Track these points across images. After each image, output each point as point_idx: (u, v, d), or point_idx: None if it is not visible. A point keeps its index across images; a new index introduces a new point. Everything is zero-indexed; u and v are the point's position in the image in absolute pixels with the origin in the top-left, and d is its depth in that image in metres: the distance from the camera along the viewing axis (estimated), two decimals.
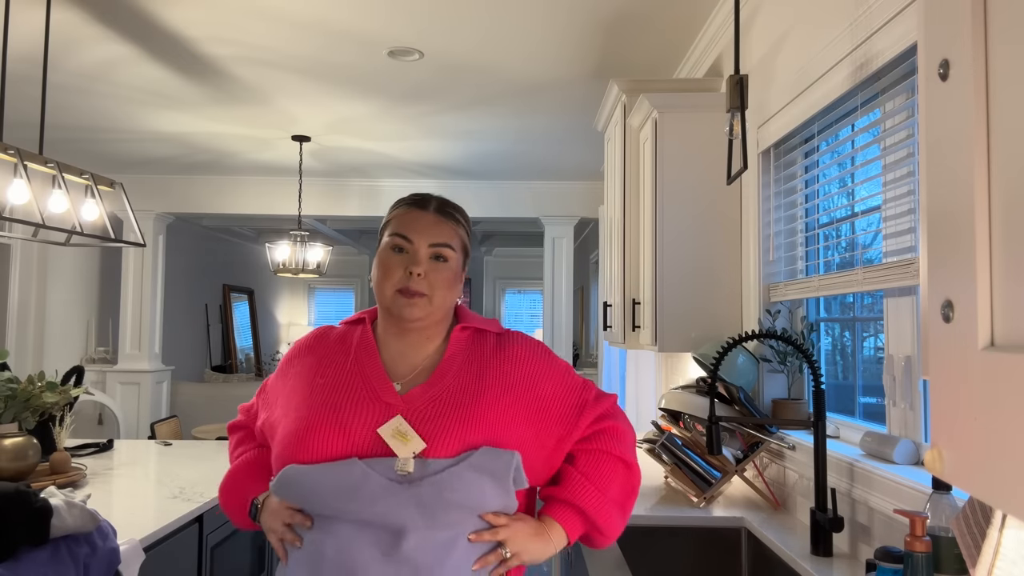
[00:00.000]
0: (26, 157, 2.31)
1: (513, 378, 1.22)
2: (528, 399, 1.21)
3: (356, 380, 1.21)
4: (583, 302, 8.92)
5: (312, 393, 1.21)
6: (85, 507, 1.45)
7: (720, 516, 2.03)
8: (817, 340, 2.19)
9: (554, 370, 1.26)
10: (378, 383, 1.20)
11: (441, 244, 1.22)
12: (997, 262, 0.42)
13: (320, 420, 1.15)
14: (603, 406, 1.28)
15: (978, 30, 0.43)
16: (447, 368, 1.22)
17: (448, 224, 1.24)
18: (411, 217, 1.23)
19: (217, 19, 2.96)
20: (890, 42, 1.56)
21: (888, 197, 1.68)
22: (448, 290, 1.22)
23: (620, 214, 2.93)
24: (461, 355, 1.24)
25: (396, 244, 1.22)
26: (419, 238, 1.21)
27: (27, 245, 5.62)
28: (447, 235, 1.23)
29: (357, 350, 1.25)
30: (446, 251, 1.22)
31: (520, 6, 2.81)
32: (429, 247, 1.21)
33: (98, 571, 1.47)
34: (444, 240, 1.22)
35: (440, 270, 1.21)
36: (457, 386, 1.19)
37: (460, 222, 1.26)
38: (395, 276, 1.20)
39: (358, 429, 1.14)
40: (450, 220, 1.24)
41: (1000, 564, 0.59)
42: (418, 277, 1.19)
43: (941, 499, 1.26)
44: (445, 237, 1.22)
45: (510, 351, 1.25)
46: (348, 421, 1.15)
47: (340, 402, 1.17)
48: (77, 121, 4.48)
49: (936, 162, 0.48)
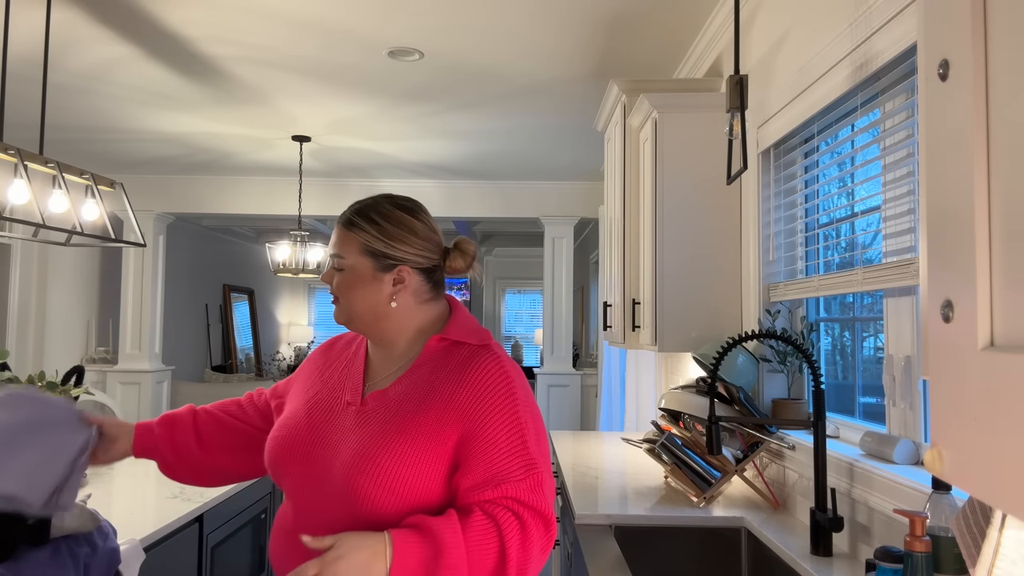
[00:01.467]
0: (26, 157, 2.31)
1: (459, 400, 1.18)
2: (465, 423, 1.16)
3: (339, 382, 1.31)
4: (583, 302, 8.92)
5: (305, 393, 1.33)
6: (85, 507, 1.45)
7: (720, 516, 2.03)
8: (817, 340, 2.19)
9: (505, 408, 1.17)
10: (352, 385, 1.28)
11: (334, 254, 1.29)
12: (997, 262, 0.42)
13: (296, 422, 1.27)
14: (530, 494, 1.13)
15: (978, 30, 0.43)
16: (408, 376, 1.25)
17: (346, 232, 1.28)
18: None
19: (217, 19, 2.96)
20: (890, 42, 1.56)
21: (888, 197, 1.68)
22: (353, 292, 1.26)
23: (620, 214, 2.93)
24: (427, 365, 1.25)
25: None
26: (329, 250, 1.31)
27: (27, 245, 5.62)
28: (340, 244, 1.28)
29: (353, 354, 1.36)
30: (337, 260, 1.28)
31: (520, 6, 2.81)
32: (331, 258, 1.30)
33: (98, 571, 1.47)
34: (335, 250, 1.29)
35: (339, 278, 1.28)
36: (406, 395, 1.22)
37: (362, 227, 1.27)
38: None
39: (319, 425, 1.25)
40: (350, 228, 1.28)
41: (1000, 564, 0.59)
42: (330, 286, 1.30)
43: (941, 499, 1.26)
44: (336, 247, 1.28)
45: (470, 372, 1.20)
46: (316, 420, 1.26)
47: (319, 402, 1.29)
48: (77, 121, 4.48)
49: (936, 162, 0.48)
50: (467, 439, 1.16)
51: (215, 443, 1.42)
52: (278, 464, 1.25)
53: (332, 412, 1.25)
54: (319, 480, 1.19)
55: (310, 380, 1.36)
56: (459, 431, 1.16)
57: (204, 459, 1.41)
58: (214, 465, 1.42)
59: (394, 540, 1.06)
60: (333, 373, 1.33)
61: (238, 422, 1.44)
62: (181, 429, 1.41)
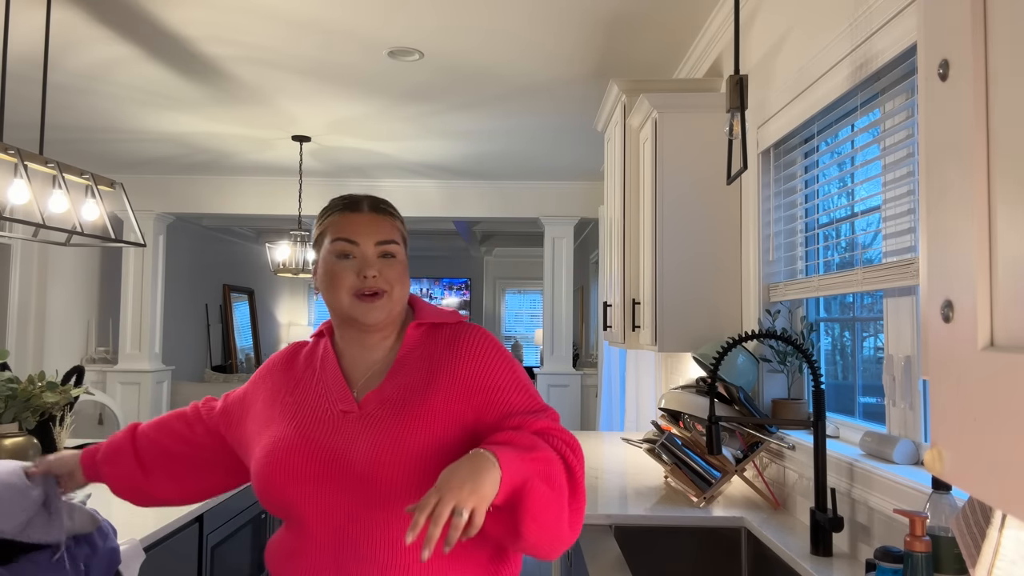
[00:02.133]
0: (26, 157, 2.31)
1: (462, 373, 1.18)
2: (477, 392, 1.17)
3: (319, 393, 1.21)
4: (583, 302, 8.92)
5: (283, 412, 1.22)
6: (85, 509, 1.45)
7: (720, 516, 2.03)
8: (817, 340, 2.19)
9: (504, 364, 1.21)
10: (337, 393, 1.20)
11: (386, 241, 1.20)
12: (997, 262, 0.42)
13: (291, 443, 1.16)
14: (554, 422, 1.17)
15: (978, 30, 0.43)
16: (399, 368, 1.20)
17: (387, 220, 1.22)
18: (348, 220, 1.21)
19: (217, 19, 2.96)
20: (890, 42, 1.56)
21: (888, 197, 1.68)
22: (403, 284, 1.21)
23: (620, 214, 2.93)
24: (415, 352, 1.22)
25: (341, 250, 1.20)
26: (364, 239, 1.19)
27: (27, 245, 5.62)
28: (389, 231, 1.21)
29: (320, 363, 1.26)
30: (392, 247, 1.21)
31: (520, 6, 2.81)
32: (376, 246, 1.19)
33: (98, 571, 1.47)
34: (388, 236, 1.21)
35: (392, 266, 1.20)
36: (407, 385, 1.18)
37: (396, 215, 1.26)
38: (347, 282, 1.18)
39: (320, 440, 1.15)
40: (387, 216, 1.23)
41: (1000, 564, 0.59)
42: (374, 278, 1.17)
43: (941, 499, 1.26)
44: (387, 233, 1.21)
45: (462, 345, 1.21)
46: (311, 435, 1.16)
47: (305, 417, 1.19)
48: (77, 121, 4.48)
49: (936, 162, 0.48)
50: (483, 409, 1.16)
51: (160, 471, 1.35)
52: (283, 489, 1.14)
53: (329, 425, 1.17)
54: (338, 493, 1.12)
55: (278, 400, 1.25)
56: (474, 405, 1.16)
57: (152, 489, 1.35)
58: (163, 495, 1.35)
59: (484, 446, 1.04)
60: (306, 387, 1.24)
61: (183, 447, 1.35)
62: (124, 462, 1.34)
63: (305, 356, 1.30)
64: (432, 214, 6.23)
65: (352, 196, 1.25)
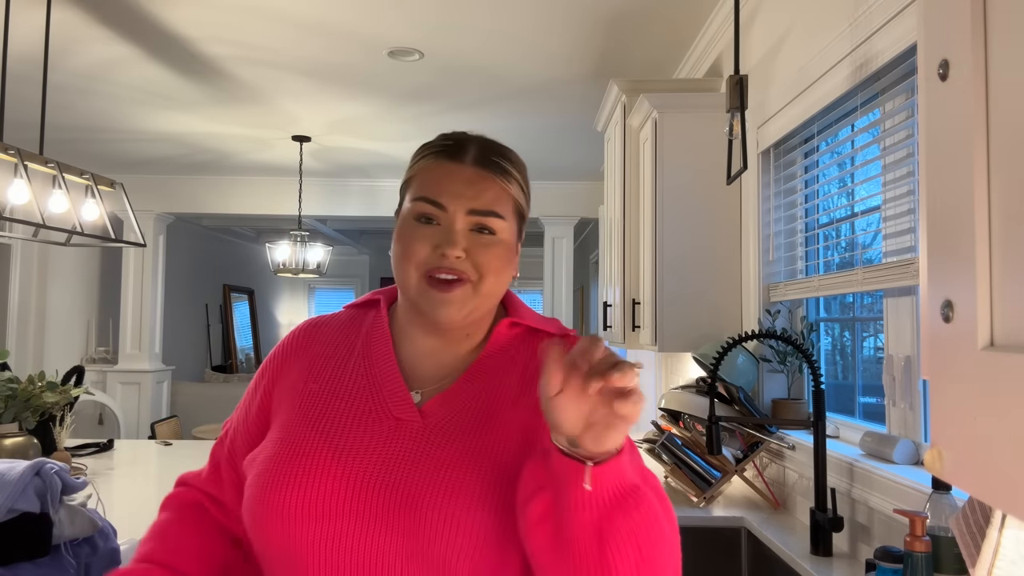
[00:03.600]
0: (26, 157, 2.31)
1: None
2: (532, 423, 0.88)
3: (361, 386, 0.89)
4: (583, 302, 8.92)
5: (301, 406, 0.89)
6: (85, 512, 1.45)
7: (720, 516, 2.03)
8: (817, 340, 2.19)
9: None
10: (390, 391, 0.88)
11: (485, 212, 0.86)
12: (997, 262, 0.42)
13: (309, 455, 0.83)
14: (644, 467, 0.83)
15: (978, 30, 0.43)
16: (478, 373, 0.90)
17: (495, 181, 0.88)
18: (441, 173, 0.88)
19: (217, 19, 2.96)
20: (890, 42, 1.57)
21: (888, 197, 1.68)
22: (500, 273, 0.88)
23: (620, 214, 2.93)
24: (502, 356, 0.92)
25: (421, 212, 0.87)
26: (454, 203, 0.86)
27: (27, 245, 5.62)
28: (493, 197, 0.87)
29: (366, 345, 0.93)
30: (493, 221, 0.87)
31: (520, 6, 2.81)
32: (468, 215, 0.86)
33: (98, 571, 1.47)
34: (489, 206, 0.87)
35: (488, 246, 0.86)
36: (484, 397, 0.88)
37: (512, 175, 0.90)
38: (420, 255, 0.86)
39: (358, 454, 0.83)
40: (498, 174, 0.88)
41: (1000, 564, 0.59)
42: (457, 259, 0.85)
43: (941, 499, 1.26)
44: (490, 201, 0.87)
45: None
46: (345, 444, 0.83)
47: (336, 417, 0.86)
48: (77, 121, 4.48)
49: (936, 162, 0.48)
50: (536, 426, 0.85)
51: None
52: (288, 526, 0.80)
53: (374, 435, 0.84)
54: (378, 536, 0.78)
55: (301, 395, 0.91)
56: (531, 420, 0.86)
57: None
58: None
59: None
60: (340, 374, 0.91)
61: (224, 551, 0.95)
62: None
63: (338, 330, 0.97)
64: None
65: (460, 137, 0.92)
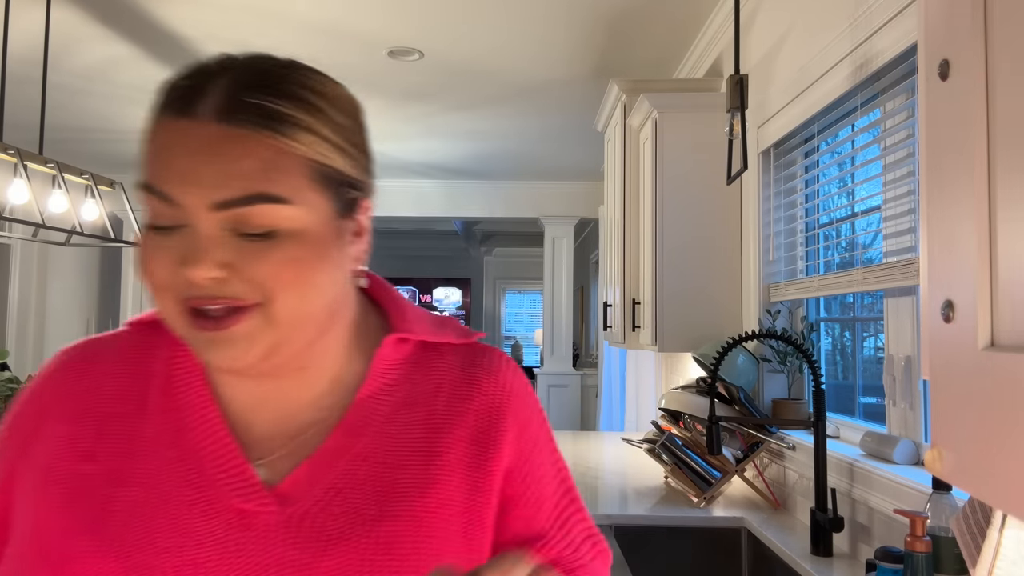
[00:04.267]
0: (26, 157, 2.31)
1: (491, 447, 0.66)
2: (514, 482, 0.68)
3: (169, 460, 0.59)
4: (583, 302, 8.92)
5: (70, 500, 0.58)
6: None
7: (720, 516, 2.03)
8: (817, 340, 2.19)
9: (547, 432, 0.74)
10: (217, 464, 0.59)
11: (241, 199, 0.53)
12: (997, 262, 0.42)
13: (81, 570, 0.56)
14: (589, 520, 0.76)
15: (978, 30, 0.43)
16: (362, 421, 0.63)
17: (260, 139, 0.54)
18: (168, 139, 0.55)
19: (217, 19, 2.96)
20: (890, 42, 1.56)
21: (888, 197, 1.68)
22: (302, 285, 0.56)
23: (620, 214, 2.93)
24: (394, 392, 0.65)
25: (151, 212, 0.56)
26: (187, 192, 0.54)
27: (27, 245, 5.62)
28: (256, 169, 0.54)
29: (166, 391, 0.62)
30: (262, 211, 0.54)
31: (520, 6, 2.81)
32: (214, 211, 0.54)
33: None
34: (248, 189, 0.53)
35: (265, 251, 0.54)
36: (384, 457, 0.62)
37: (295, 119, 0.56)
38: (161, 278, 0.55)
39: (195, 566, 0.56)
40: (263, 127, 0.54)
41: (1000, 564, 0.59)
42: (212, 281, 0.53)
43: (941, 499, 1.26)
44: (250, 177, 0.53)
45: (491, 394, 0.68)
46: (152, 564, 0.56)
47: (134, 517, 0.57)
48: (77, 121, 4.48)
49: (936, 162, 0.48)
50: (513, 476, 0.68)
51: None
52: None
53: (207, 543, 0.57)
54: None
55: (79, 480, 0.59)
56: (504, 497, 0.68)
57: None
58: None
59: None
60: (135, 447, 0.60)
61: None
62: None
63: (124, 365, 0.64)
64: (432, 214, 6.24)
65: (200, 69, 0.57)
